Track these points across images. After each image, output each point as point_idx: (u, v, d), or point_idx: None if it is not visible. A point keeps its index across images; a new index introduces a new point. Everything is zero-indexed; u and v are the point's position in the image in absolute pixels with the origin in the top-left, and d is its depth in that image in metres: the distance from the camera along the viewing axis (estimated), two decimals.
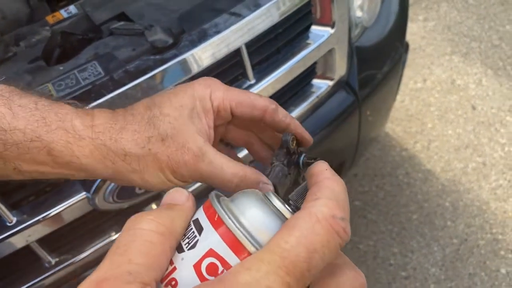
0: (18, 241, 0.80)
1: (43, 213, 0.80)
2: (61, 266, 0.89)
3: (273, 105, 0.48)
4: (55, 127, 0.44)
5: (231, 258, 0.30)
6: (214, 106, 0.47)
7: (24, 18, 0.93)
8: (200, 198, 1.04)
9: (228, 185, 0.45)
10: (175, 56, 0.83)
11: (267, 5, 0.90)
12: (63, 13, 0.92)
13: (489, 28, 2.63)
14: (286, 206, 0.34)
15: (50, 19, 0.91)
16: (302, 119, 1.15)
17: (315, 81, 1.17)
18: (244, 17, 0.88)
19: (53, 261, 0.88)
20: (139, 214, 0.32)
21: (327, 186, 0.32)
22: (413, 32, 2.64)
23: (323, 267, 0.29)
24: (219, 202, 0.33)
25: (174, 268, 0.31)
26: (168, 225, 0.31)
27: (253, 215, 0.32)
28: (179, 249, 0.32)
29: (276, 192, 0.45)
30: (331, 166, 0.49)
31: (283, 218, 0.33)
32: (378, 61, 1.32)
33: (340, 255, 0.32)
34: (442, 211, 1.91)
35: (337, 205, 0.30)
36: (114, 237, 0.93)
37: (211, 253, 0.30)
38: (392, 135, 2.17)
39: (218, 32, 0.86)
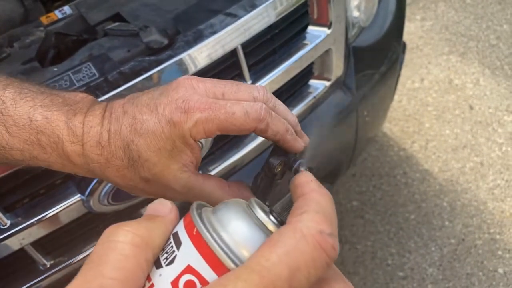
0: (12, 244, 0.79)
1: (37, 216, 0.79)
2: (57, 268, 0.88)
3: (262, 124, 0.42)
4: (50, 150, 0.45)
5: (210, 275, 0.28)
6: (198, 139, 0.43)
7: (18, 18, 0.92)
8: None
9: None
10: (171, 57, 0.82)
11: (263, 5, 0.90)
12: (57, 14, 0.91)
13: (486, 27, 2.63)
14: (271, 217, 0.32)
15: (44, 19, 0.91)
16: (299, 120, 1.14)
17: (312, 82, 1.16)
18: (240, 17, 0.88)
19: (48, 264, 0.87)
20: (116, 225, 0.30)
21: (313, 199, 0.30)
22: (411, 31, 2.64)
23: (308, 286, 0.27)
24: (199, 214, 0.31)
25: (152, 285, 0.29)
26: (144, 236, 0.29)
27: (235, 229, 0.30)
28: (158, 264, 0.30)
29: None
30: (329, 167, 0.48)
31: (267, 231, 0.31)
32: (376, 61, 1.32)
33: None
34: (440, 211, 1.91)
35: (325, 219, 0.28)
36: None
37: (189, 269, 0.28)
38: (389, 135, 2.16)
39: (214, 33, 0.85)
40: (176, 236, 0.31)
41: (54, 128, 0.44)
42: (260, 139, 1.01)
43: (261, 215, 0.31)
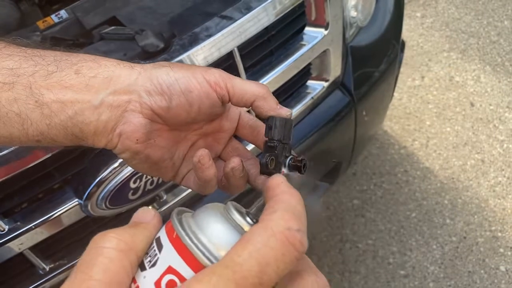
0: (11, 249, 0.80)
1: (35, 221, 0.80)
2: (56, 272, 0.89)
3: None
4: (81, 53, 0.46)
5: (189, 274, 0.31)
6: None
7: (15, 23, 0.92)
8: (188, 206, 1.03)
9: (258, 88, 0.46)
10: (166, 60, 0.82)
11: (258, 7, 0.90)
12: (54, 18, 0.92)
13: (487, 24, 2.62)
14: (247, 219, 0.34)
15: (40, 24, 0.91)
16: (298, 120, 1.14)
17: (310, 82, 1.16)
18: (235, 20, 0.88)
19: (47, 268, 0.88)
20: (102, 232, 0.32)
21: (283, 199, 0.32)
22: (411, 29, 2.63)
23: (277, 279, 0.29)
24: (179, 219, 0.33)
25: (137, 287, 0.31)
26: (128, 241, 0.32)
27: (212, 231, 0.32)
28: (142, 267, 0.32)
29: None
30: (328, 167, 0.49)
31: (242, 232, 0.33)
32: (374, 60, 1.31)
33: (301, 260, 0.32)
34: (441, 209, 1.91)
35: (293, 217, 0.30)
36: None
37: (170, 270, 0.31)
38: (390, 133, 2.16)
39: (209, 36, 0.85)
40: (158, 241, 0.33)
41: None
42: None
43: (236, 217, 0.34)
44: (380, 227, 1.88)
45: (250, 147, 1.00)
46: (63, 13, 0.92)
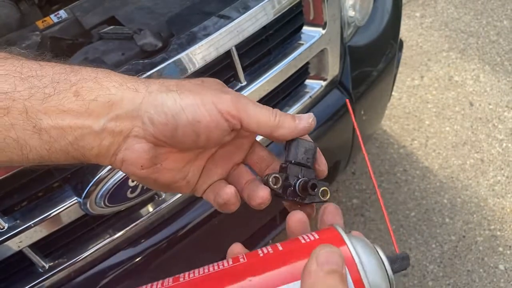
0: (11, 247, 0.80)
1: (35, 219, 0.80)
2: (55, 270, 0.89)
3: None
4: (83, 68, 0.43)
5: None
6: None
7: (14, 23, 0.93)
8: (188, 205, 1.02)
9: (271, 119, 0.43)
10: (165, 59, 0.83)
11: (256, 7, 0.90)
12: (53, 18, 0.92)
13: (486, 23, 2.62)
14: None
15: (40, 24, 0.91)
16: None
17: (308, 82, 1.17)
18: (233, 19, 0.88)
19: (47, 266, 0.88)
20: None
21: None
22: (410, 29, 2.64)
23: None
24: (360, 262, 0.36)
25: None
26: None
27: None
28: None
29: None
30: (328, 165, 0.48)
31: None
32: (372, 60, 1.32)
33: None
34: (440, 208, 1.91)
35: None
36: (108, 240, 0.93)
37: None
38: (389, 132, 2.16)
39: (207, 35, 0.86)
40: None
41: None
42: None
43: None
44: (379, 226, 1.88)
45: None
46: (62, 13, 0.93)
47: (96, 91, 0.41)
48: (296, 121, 0.44)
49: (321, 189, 0.45)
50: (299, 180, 0.44)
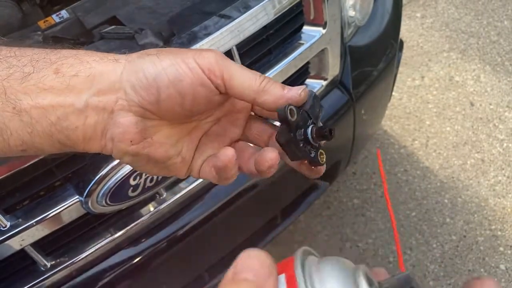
0: (13, 245, 0.81)
1: (37, 217, 0.81)
2: (57, 269, 0.90)
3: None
4: (63, 49, 0.41)
5: None
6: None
7: (16, 23, 0.93)
8: (198, 196, 1.02)
9: (256, 83, 0.41)
10: None
11: (257, 6, 0.91)
12: (55, 18, 0.93)
13: (487, 24, 2.63)
14: None
15: (42, 24, 0.92)
16: None
17: (309, 81, 1.17)
18: (234, 19, 0.89)
19: (48, 264, 0.89)
20: None
21: None
22: (411, 29, 2.64)
23: None
24: (302, 266, 0.30)
25: None
26: None
27: None
28: None
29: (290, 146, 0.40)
30: (327, 165, 0.47)
31: None
32: (372, 60, 1.32)
33: None
34: (441, 208, 1.91)
35: None
36: (109, 239, 0.93)
37: None
38: (390, 132, 2.17)
39: (208, 35, 0.86)
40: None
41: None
42: None
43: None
44: (380, 226, 1.88)
45: None
46: (64, 13, 0.94)
47: (77, 66, 0.39)
48: (285, 90, 0.41)
49: (319, 151, 0.43)
50: (313, 126, 0.41)
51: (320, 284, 0.29)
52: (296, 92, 0.41)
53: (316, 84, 1.17)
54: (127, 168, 0.84)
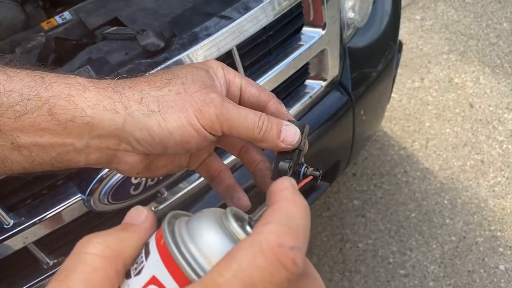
0: (16, 243, 0.81)
1: (39, 215, 0.82)
2: (59, 267, 0.90)
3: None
4: (55, 81, 0.40)
5: (172, 286, 0.27)
6: (227, 78, 0.46)
7: (20, 25, 0.94)
8: (194, 200, 1.03)
9: (254, 133, 0.43)
10: (167, 59, 0.84)
11: (257, 8, 0.92)
12: (57, 19, 0.94)
13: (486, 26, 2.64)
14: (246, 228, 0.30)
15: (45, 25, 0.93)
16: (296, 119, 1.16)
17: (308, 82, 1.18)
18: (234, 20, 0.90)
19: (51, 263, 0.90)
20: (88, 236, 0.29)
21: (281, 209, 0.28)
22: (411, 31, 2.65)
23: None
24: (171, 224, 0.30)
25: None
26: (115, 248, 0.29)
27: (203, 240, 0.28)
28: (128, 275, 0.29)
29: None
30: (327, 166, 0.50)
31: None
32: (371, 61, 1.33)
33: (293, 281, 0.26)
34: (441, 209, 1.92)
35: (288, 231, 0.26)
36: None
37: (153, 280, 0.28)
38: (390, 134, 2.18)
39: (209, 35, 0.87)
40: (147, 247, 0.30)
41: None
42: None
43: (233, 225, 0.29)
44: (380, 227, 1.89)
45: None
46: (66, 14, 0.95)
47: (71, 111, 0.39)
48: (279, 139, 0.43)
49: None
50: (304, 166, 0.46)
51: (190, 237, 0.28)
52: (290, 143, 0.44)
53: (315, 85, 1.18)
54: None
